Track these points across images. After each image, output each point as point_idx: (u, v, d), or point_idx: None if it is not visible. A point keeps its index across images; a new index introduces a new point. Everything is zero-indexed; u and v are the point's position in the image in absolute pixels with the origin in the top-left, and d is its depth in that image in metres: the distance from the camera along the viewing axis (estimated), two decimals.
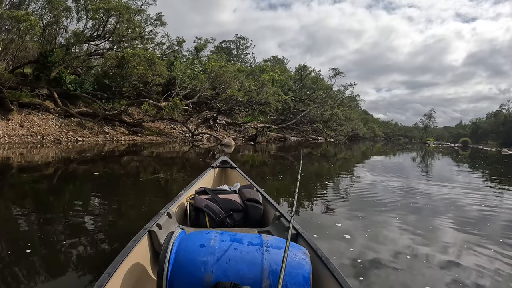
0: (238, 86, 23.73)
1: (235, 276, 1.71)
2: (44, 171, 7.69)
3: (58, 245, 3.23)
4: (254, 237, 1.94)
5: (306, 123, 39.65)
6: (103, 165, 9.17)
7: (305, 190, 6.88)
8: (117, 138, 17.72)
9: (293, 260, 1.77)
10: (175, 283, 1.71)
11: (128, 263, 1.94)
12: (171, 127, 23.40)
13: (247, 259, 1.76)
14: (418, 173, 11.44)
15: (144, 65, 18.32)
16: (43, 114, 15.70)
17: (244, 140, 25.78)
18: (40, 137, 14.14)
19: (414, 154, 24.88)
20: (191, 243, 1.84)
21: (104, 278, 1.63)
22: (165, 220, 2.61)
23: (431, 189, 7.48)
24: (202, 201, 3.09)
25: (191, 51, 28.50)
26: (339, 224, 4.35)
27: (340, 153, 21.89)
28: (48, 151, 11.37)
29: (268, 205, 3.28)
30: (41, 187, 6.06)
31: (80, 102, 18.80)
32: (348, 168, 12.62)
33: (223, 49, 47.30)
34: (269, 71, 36.95)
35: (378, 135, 78.14)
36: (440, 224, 4.53)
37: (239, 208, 3.15)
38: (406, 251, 3.42)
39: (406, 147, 38.98)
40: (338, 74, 38.78)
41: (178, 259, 1.75)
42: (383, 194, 6.65)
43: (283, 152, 19.51)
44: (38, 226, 3.78)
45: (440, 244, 3.70)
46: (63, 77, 17.12)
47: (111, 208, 4.82)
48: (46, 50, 16.14)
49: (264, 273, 1.71)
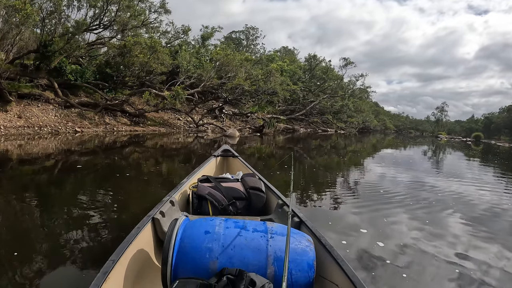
0: (244, 75, 22.71)
1: (240, 262, 1.69)
2: (44, 163, 7.48)
3: (62, 234, 3.27)
4: (258, 224, 1.93)
5: (316, 114, 38.58)
6: (104, 157, 9.01)
7: (314, 183, 6.97)
8: (118, 128, 17.02)
9: (298, 247, 1.77)
10: (180, 269, 1.69)
11: (132, 250, 1.94)
12: (175, 117, 22.62)
13: (252, 245, 1.75)
14: (430, 167, 11.26)
15: (146, 53, 17.62)
16: (43, 104, 15.13)
17: (251, 131, 24.81)
18: (37, 128, 13.55)
19: (426, 148, 24.41)
20: (196, 230, 1.82)
21: (108, 265, 1.62)
22: (168, 208, 2.60)
23: (441, 184, 7.35)
24: (205, 189, 3.08)
25: (198, 40, 27.61)
26: (347, 216, 4.39)
27: (350, 145, 21.42)
28: (47, 143, 10.92)
29: (270, 194, 3.26)
30: (41, 179, 5.99)
31: (81, 92, 18.21)
32: (358, 161, 12.33)
33: (232, 40, 46.19)
34: (278, 60, 35.84)
35: (389, 127, 76.72)
36: (448, 218, 4.51)
37: (242, 196, 3.14)
38: (414, 245, 3.41)
39: (418, 141, 38.10)
40: (349, 64, 37.36)
41: (182, 246, 1.74)
42: (393, 187, 6.58)
43: (291, 143, 19.00)
44: (40, 217, 3.83)
45: (448, 238, 3.67)
46: (63, 67, 16.53)
47: (113, 199, 4.77)
48: (45, 39, 15.51)
49: (269, 260, 1.71)
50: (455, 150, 24.16)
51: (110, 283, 1.58)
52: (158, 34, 21.78)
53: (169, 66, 19.44)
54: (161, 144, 13.47)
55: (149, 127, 19.04)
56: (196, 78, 21.85)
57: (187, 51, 23.17)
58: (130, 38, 17.82)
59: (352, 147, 19.71)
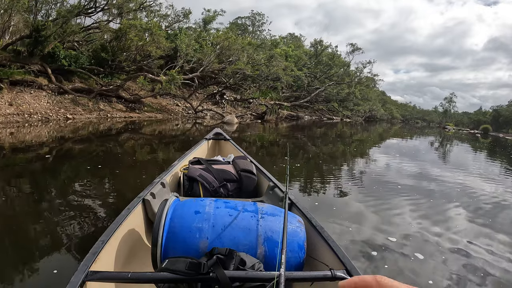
0: (246, 60, 21.93)
1: (230, 242, 1.69)
2: (35, 152, 7.27)
3: (53, 219, 3.37)
4: (249, 204, 1.94)
5: (321, 101, 37.77)
6: (98, 144, 8.89)
7: (318, 171, 7.02)
8: (112, 115, 16.47)
9: (289, 228, 1.76)
10: (170, 250, 1.69)
11: (122, 231, 1.94)
12: (174, 103, 22.02)
13: (242, 225, 1.75)
14: (437, 159, 11.32)
15: (141, 35, 17.08)
16: (35, 91, 14.62)
17: (252, 117, 24.10)
18: (27, 116, 13.03)
19: (433, 138, 24.16)
20: (186, 210, 1.82)
21: (98, 245, 1.64)
22: (159, 189, 2.60)
23: (447, 175, 7.36)
24: (196, 170, 3.08)
25: (199, 24, 26.52)
26: (350, 205, 4.50)
27: (356, 134, 21.21)
28: (39, 131, 10.60)
29: (262, 176, 3.27)
30: (32, 167, 5.90)
31: (75, 77, 17.65)
32: (364, 150, 12.33)
33: (238, 26, 44.90)
34: (283, 45, 34.58)
35: (395, 117, 75.44)
36: (452, 210, 4.57)
37: (233, 178, 3.15)
38: (417, 234, 3.48)
39: (425, 131, 37.50)
40: (357, 50, 36.18)
41: (172, 226, 1.73)
42: (398, 178, 6.63)
43: (295, 131, 18.60)
44: (33, 203, 3.89)
45: (451, 229, 3.72)
46: (57, 52, 16.06)
47: (106, 184, 4.87)
48: (38, 24, 14.96)
49: (259, 240, 1.71)
50: (463, 142, 23.93)
51: (100, 264, 1.58)
52: (158, 18, 21.00)
53: (166, 50, 18.70)
54: (156, 131, 13.19)
55: (145, 113, 18.50)
56: (196, 63, 21.33)
57: (187, 35, 22.06)
58: (126, 21, 17.20)
59: (358, 136, 19.42)
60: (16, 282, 2.33)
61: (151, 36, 17.40)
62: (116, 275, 1.55)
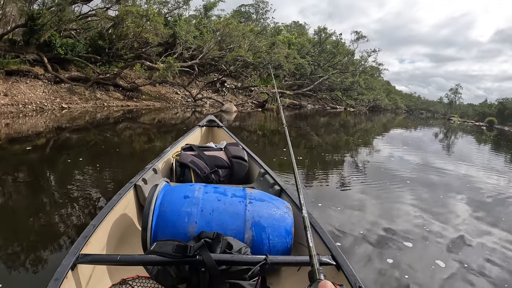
0: (247, 47, 21.42)
1: (218, 226, 1.72)
2: (32, 142, 7.25)
3: (48, 206, 3.48)
4: (238, 190, 1.96)
5: (325, 90, 37.19)
6: (95, 134, 8.84)
7: (320, 161, 7.01)
8: (108, 104, 16.19)
9: (276, 213, 1.81)
10: (159, 233, 1.72)
11: (114, 216, 1.98)
12: (173, 91, 21.64)
13: (230, 210, 1.78)
14: (441, 150, 11.27)
15: (137, 22, 16.59)
16: (31, 81, 14.37)
17: (254, 106, 23.73)
18: (21, 106, 12.81)
19: (437, 130, 24.20)
20: (175, 195, 1.85)
21: (89, 230, 1.67)
22: (151, 175, 2.63)
23: (450, 167, 7.33)
24: (187, 157, 3.11)
25: (200, 10, 25.93)
26: (351, 196, 4.49)
27: (360, 124, 21.16)
28: (34, 121, 10.45)
29: (253, 163, 3.29)
30: (28, 157, 5.88)
31: (71, 66, 17.35)
32: (367, 140, 12.33)
33: (241, 13, 44.12)
34: (286, 32, 33.81)
35: (400, 107, 74.40)
36: (453, 202, 4.55)
37: (224, 165, 3.18)
38: (416, 227, 3.49)
39: (429, 122, 37.66)
40: (361, 38, 35.31)
41: (162, 210, 1.76)
42: (400, 168, 6.67)
43: (297, 120, 18.39)
44: (27, 190, 3.96)
45: (451, 222, 3.72)
46: (53, 40, 15.73)
47: (102, 173, 4.89)
48: (33, 13, 14.71)
49: (247, 224, 1.74)
50: (468, 134, 23.84)
51: (91, 247, 1.62)
52: (157, 4, 20.45)
53: (165, 36, 18.18)
54: (155, 120, 13.08)
55: (143, 102, 18.18)
56: (197, 50, 20.98)
57: (186, 21, 21.50)
58: (122, 7, 16.81)
59: (362, 126, 19.39)
60: (9, 268, 2.37)
61: (148, 23, 16.99)
62: (106, 258, 1.59)
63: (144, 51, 18.71)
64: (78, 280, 1.50)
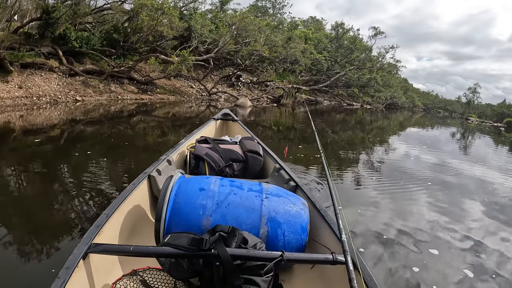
0: (263, 41, 21.02)
1: (233, 220, 1.69)
2: (46, 133, 7.29)
3: (61, 196, 3.48)
4: (254, 184, 1.91)
5: (341, 86, 36.65)
6: (109, 126, 8.86)
7: (335, 158, 6.94)
8: (122, 97, 16.18)
9: (292, 209, 1.77)
10: (173, 225, 1.69)
11: (127, 206, 1.97)
12: (188, 85, 21.48)
13: (246, 204, 1.75)
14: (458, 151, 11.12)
15: (152, 15, 16.53)
16: (46, 73, 14.42)
17: (269, 101, 23.47)
18: (35, 98, 12.84)
19: (455, 129, 23.71)
20: (190, 187, 1.82)
21: (102, 219, 1.67)
22: (165, 167, 2.62)
23: (465, 168, 7.24)
24: (202, 149, 3.08)
25: (216, 4, 25.67)
26: (367, 195, 4.41)
27: (376, 121, 20.88)
28: (48, 113, 10.47)
29: (268, 158, 3.26)
30: (43, 149, 5.93)
31: (86, 59, 17.34)
32: (383, 138, 12.26)
33: (258, 8, 43.70)
34: (302, 27, 33.28)
35: (417, 105, 73.09)
36: (468, 204, 4.46)
37: (239, 159, 3.13)
38: (430, 228, 3.41)
39: (447, 122, 36.57)
40: (379, 34, 34.54)
41: (177, 201, 1.74)
42: (419, 168, 6.55)
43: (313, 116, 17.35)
44: (42, 182, 3.97)
45: (465, 224, 3.65)
46: (68, 33, 15.79)
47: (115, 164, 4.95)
48: (48, 6, 14.80)
49: (263, 220, 1.70)
50: (485, 135, 23.22)
51: (103, 236, 1.61)
52: None
53: (179, 30, 18.09)
54: (170, 114, 13.06)
55: (157, 95, 18.11)
56: (212, 44, 20.80)
57: (202, 15, 21.27)
58: (137, 1, 16.75)
59: (378, 123, 19.15)
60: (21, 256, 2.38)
61: (162, 16, 16.82)
62: (119, 248, 1.59)
63: (159, 44, 18.66)
64: (89, 269, 1.49)
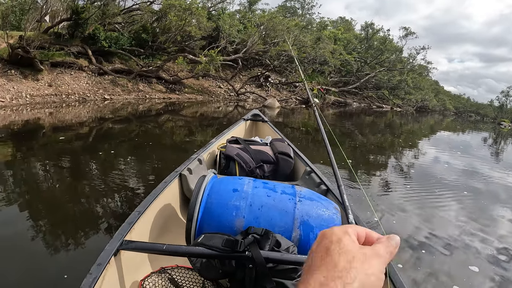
0: (292, 41, 20.49)
1: (266, 223, 1.67)
2: (76, 130, 7.49)
3: (92, 193, 3.54)
4: (287, 186, 1.89)
5: (371, 88, 35.79)
6: (138, 125, 9.00)
7: (364, 160, 7.04)
8: (150, 96, 16.35)
9: (325, 213, 1.75)
10: (205, 226, 1.69)
11: (159, 204, 1.99)
12: (216, 85, 21.49)
13: (280, 207, 1.72)
14: (490, 157, 10.85)
15: (180, 15, 16.68)
16: (76, 72, 14.75)
17: (298, 102, 23.12)
18: (64, 96, 13.09)
19: (486, 134, 22.74)
20: (223, 187, 1.80)
21: (134, 216, 1.70)
22: (196, 166, 2.64)
23: (496, 175, 7.04)
24: (233, 149, 3.10)
25: (244, 4, 25.54)
26: (395, 199, 4.40)
27: (407, 124, 20.42)
28: (78, 111, 10.78)
29: (298, 160, 3.24)
30: (73, 146, 6.05)
31: (115, 59, 17.65)
32: (413, 142, 12.06)
33: (287, 9, 43.31)
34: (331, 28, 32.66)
35: (448, 109, 70.66)
36: (498, 214, 4.34)
37: (270, 160, 3.14)
38: (458, 236, 3.38)
39: (479, 126, 34.89)
40: (410, 35, 33.42)
41: (209, 202, 1.73)
42: (445, 173, 6.44)
43: (343, 118, 17.95)
44: (73, 179, 4.02)
45: (494, 235, 3.54)
46: (97, 33, 16.15)
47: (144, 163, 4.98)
48: (77, 7, 15.26)
49: (295, 223, 1.67)
50: None
51: (135, 233, 1.64)
52: None
53: (208, 30, 18.17)
54: (198, 113, 13.12)
55: (185, 94, 18.19)
56: (240, 44, 20.83)
57: (229, 15, 21.16)
58: (166, 1, 17.02)
59: (409, 127, 18.73)
60: (52, 252, 2.43)
61: (190, 16, 16.91)
62: (151, 246, 1.57)
63: (187, 44, 18.77)
64: (120, 266, 1.49)
